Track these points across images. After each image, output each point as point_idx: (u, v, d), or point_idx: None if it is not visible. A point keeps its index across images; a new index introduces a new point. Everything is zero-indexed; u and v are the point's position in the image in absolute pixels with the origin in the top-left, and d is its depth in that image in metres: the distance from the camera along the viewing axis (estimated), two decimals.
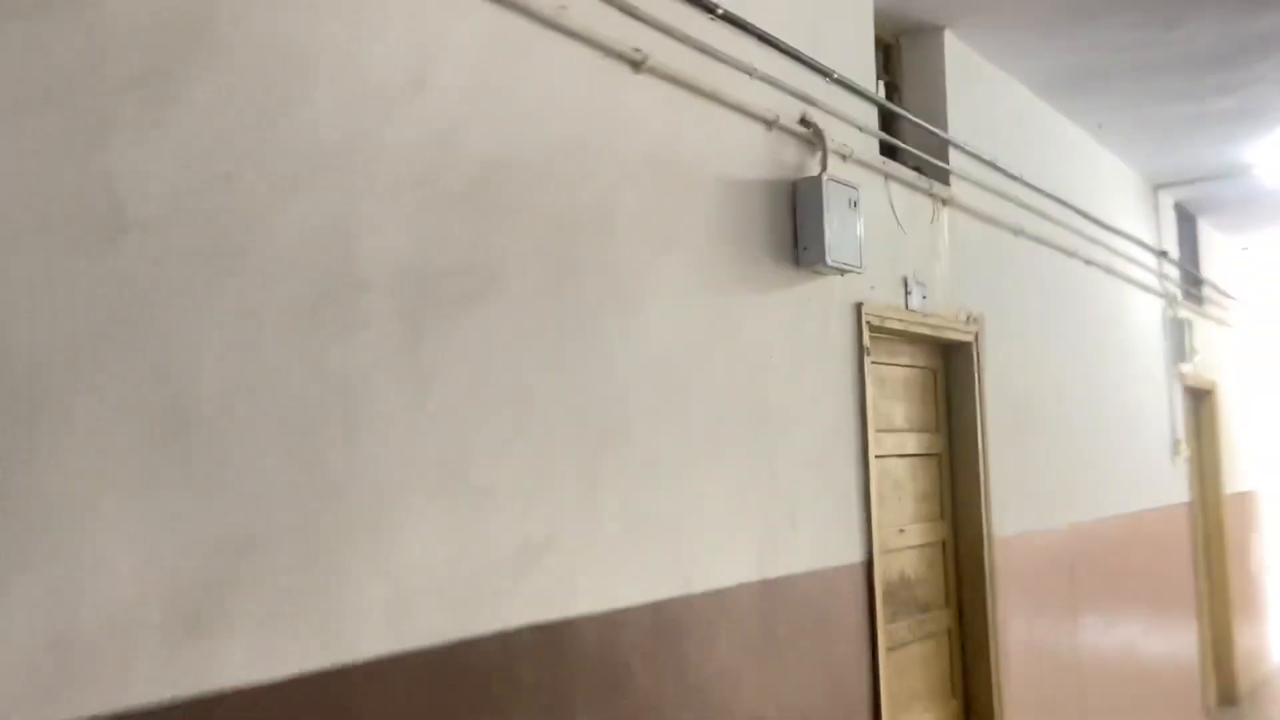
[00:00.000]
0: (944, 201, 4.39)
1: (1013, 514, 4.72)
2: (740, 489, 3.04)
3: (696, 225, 2.98)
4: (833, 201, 3.35)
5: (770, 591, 3.12)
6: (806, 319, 3.43)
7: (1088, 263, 5.88)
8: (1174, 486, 7.17)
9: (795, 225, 3.37)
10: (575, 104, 2.59)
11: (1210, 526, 8.36)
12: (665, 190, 2.87)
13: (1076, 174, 5.93)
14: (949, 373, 4.56)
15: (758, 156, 3.27)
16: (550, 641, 2.35)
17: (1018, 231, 5.02)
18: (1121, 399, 6.28)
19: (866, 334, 3.72)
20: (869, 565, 3.61)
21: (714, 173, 3.06)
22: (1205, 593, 8.09)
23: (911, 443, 4.24)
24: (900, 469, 4.16)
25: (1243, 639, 8.54)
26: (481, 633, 2.19)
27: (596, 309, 2.59)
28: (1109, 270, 6.19)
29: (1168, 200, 7.61)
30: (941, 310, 4.29)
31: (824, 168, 3.44)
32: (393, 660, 1.99)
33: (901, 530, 4.11)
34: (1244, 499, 9.13)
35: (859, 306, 3.71)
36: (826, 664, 3.33)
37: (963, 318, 4.45)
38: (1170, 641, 6.78)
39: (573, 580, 2.44)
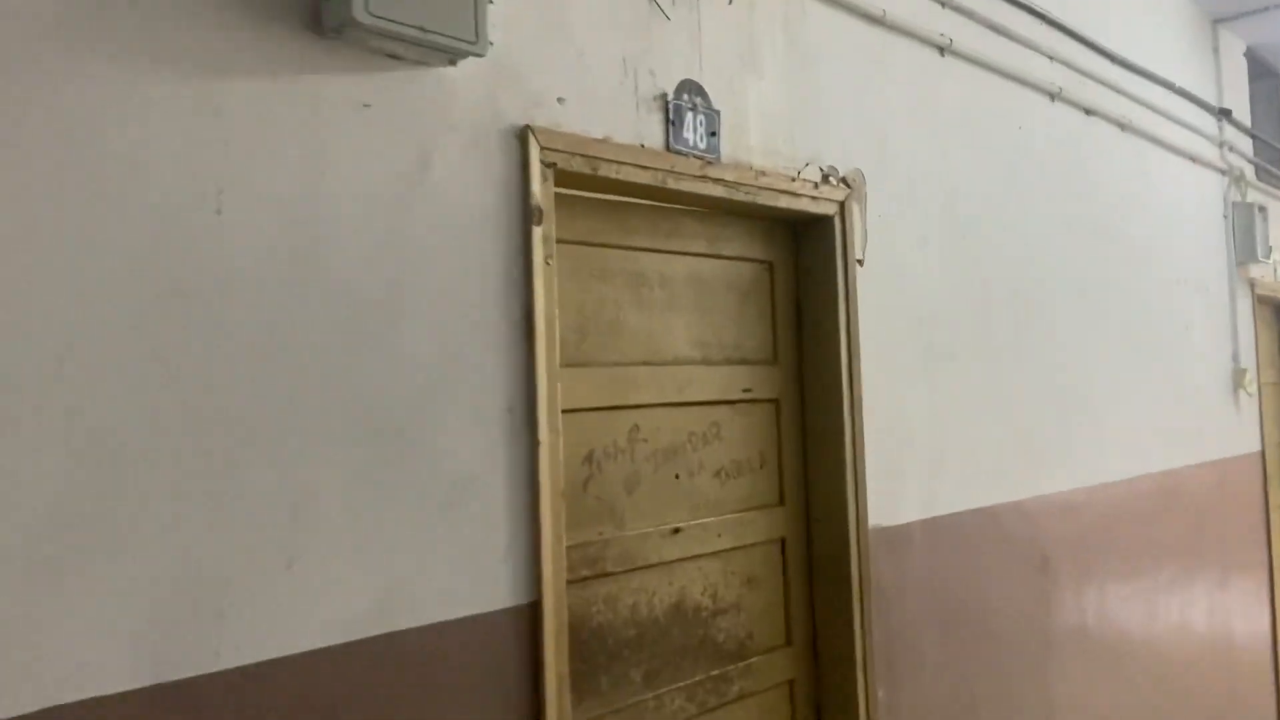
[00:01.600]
0: None
1: (917, 489, 2.99)
2: (92, 509, 1.42)
3: None
4: None
5: (171, 707, 1.51)
6: (361, 145, 1.75)
7: (1088, 113, 4.01)
8: (1237, 432, 5.28)
9: None
10: None
11: None
12: None
13: None
14: (799, 269, 2.82)
15: None
16: None
17: (944, 49, 3.21)
18: (1147, 312, 4.42)
19: (539, 186, 2.02)
20: (534, 610, 1.96)
21: None
22: None
23: (706, 383, 2.54)
24: (676, 428, 2.47)
25: None
26: None
27: None
28: (1128, 128, 4.30)
29: (1234, 43, 5.58)
30: (763, 160, 2.55)
31: None
32: None
33: (676, 530, 2.43)
34: None
35: (524, 133, 2.01)
36: None
37: (813, 175, 2.70)
38: (1229, 635, 4.95)
39: None
